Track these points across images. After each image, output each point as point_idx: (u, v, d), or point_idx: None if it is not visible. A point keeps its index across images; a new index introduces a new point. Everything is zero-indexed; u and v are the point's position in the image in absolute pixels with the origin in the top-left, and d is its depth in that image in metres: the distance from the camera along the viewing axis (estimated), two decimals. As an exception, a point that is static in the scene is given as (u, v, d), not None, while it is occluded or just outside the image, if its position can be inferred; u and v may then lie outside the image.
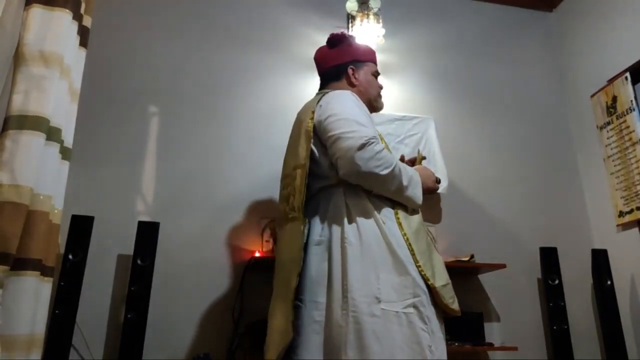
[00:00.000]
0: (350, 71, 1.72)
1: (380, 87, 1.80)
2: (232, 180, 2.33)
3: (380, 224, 1.40)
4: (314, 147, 1.52)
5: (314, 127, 1.52)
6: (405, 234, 1.41)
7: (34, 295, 1.57)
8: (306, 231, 1.46)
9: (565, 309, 2.27)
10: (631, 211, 2.46)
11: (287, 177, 1.61)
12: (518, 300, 2.47)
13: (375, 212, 1.42)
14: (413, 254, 1.39)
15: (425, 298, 1.36)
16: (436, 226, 2.48)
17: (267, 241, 2.21)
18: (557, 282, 2.31)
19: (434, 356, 1.31)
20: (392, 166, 1.41)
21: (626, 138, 2.53)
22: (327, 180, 1.51)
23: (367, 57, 1.79)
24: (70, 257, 1.82)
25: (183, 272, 2.14)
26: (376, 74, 1.79)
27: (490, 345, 2.23)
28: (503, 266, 2.30)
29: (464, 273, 2.42)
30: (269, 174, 2.32)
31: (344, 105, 1.51)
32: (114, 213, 2.13)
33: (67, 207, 1.85)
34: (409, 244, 1.40)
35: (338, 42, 1.78)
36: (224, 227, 2.24)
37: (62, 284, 1.79)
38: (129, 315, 1.84)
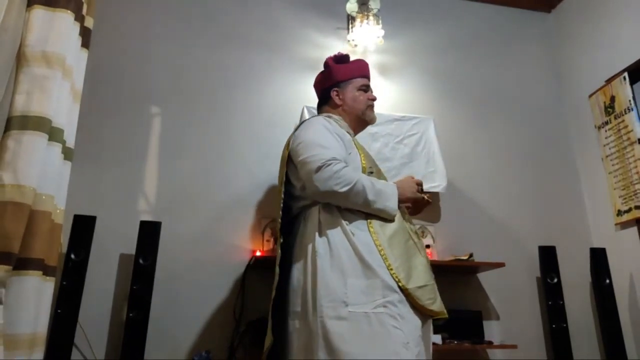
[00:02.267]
0: (333, 94, 1.83)
1: (372, 99, 1.85)
2: (233, 180, 2.35)
3: (349, 235, 1.49)
4: (290, 173, 1.66)
5: (289, 154, 1.65)
6: (377, 240, 1.48)
7: (36, 294, 1.58)
8: (282, 250, 1.61)
9: (564, 308, 2.29)
10: (629, 210, 2.48)
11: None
12: (517, 299, 2.48)
13: (345, 225, 1.51)
14: (385, 259, 1.45)
15: (396, 297, 1.40)
16: (435, 225, 2.50)
17: (267, 240, 2.23)
18: (556, 280, 2.32)
19: (411, 354, 1.34)
20: (352, 183, 1.49)
21: (624, 137, 2.54)
22: (304, 200, 1.63)
23: (353, 74, 1.85)
24: (72, 256, 1.83)
25: (185, 271, 2.15)
26: (364, 88, 1.85)
27: (490, 343, 2.24)
28: (502, 265, 2.31)
29: (463, 272, 2.44)
30: (270, 174, 2.33)
31: (309, 131, 1.64)
32: (116, 213, 2.14)
33: (69, 207, 1.87)
34: (381, 249, 1.47)
35: (324, 67, 1.89)
36: (225, 226, 2.26)
37: (64, 283, 1.80)
38: (131, 314, 1.85)
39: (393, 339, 1.35)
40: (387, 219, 1.54)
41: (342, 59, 1.87)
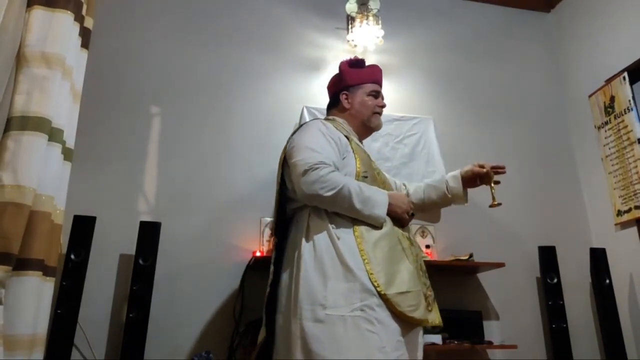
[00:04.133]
0: (343, 97, 1.83)
1: (381, 105, 1.86)
2: (232, 180, 2.35)
3: (334, 239, 1.50)
4: (285, 175, 1.68)
5: (285, 157, 1.67)
6: (360, 244, 1.49)
7: (36, 295, 1.58)
8: (276, 249, 1.65)
9: (564, 308, 2.29)
10: (629, 210, 2.48)
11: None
12: (517, 299, 2.48)
13: (332, 229, 1.52)
14: (367, 263, 1.45)
15: (375, 301, 1.41)
16: (435, 225, 2.49)
17: (267, 241, 2.23)
18: (555, 280, 2.32)
19: (388, 356, 1.35)
20: (338, 188, 1.50)
21: (624, 137, 2.54)
22: (296, 202, 1.64)
23: (363, 79, 1.85)
24: (72, 257, 1.84)
25: (184, 272, 2.15)
26: (374, 93, 1.84)
27: (490, 343, 2.24)
28: (502, 265, 2.31)
29: (463, 272, 2.44)
30: (269, 174, 2.32)
31: (303, 134, 1.66)
32: (115, 213, 2.14)
33: (69, 208, 1.87)
34: (363, 253, 1.47)
35: (339, 70, 1.89)
36: (225, 226, 2.26)
37: (64, 283, 1.81)
38: (130, 315, 1.85)
39: (367, 343, 1.36)
40: (375, 225, 1.54)
41: (357, 63, 1.88)
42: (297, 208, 1.64)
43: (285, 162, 1.67)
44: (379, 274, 1.44)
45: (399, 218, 1.61)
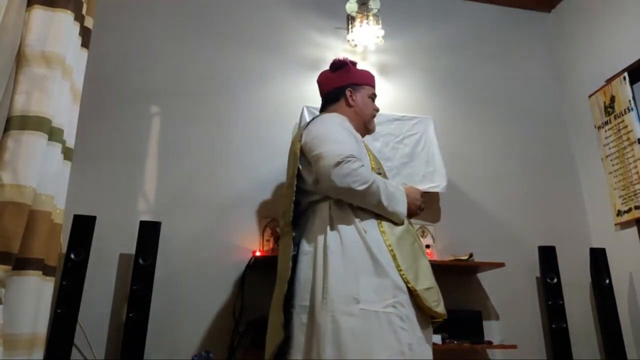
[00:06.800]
0: (348, 93, 1.84)
1: (376, 110, 1.89)
2: (233, 180, 2.35)
3: (362, 232, 1.49)
4: (301, 167, 1.64)
5: (301, 148, 1.64)
6: (387, 240, 1.49)
7: (36, 294, 1.58)
8: (293, 244, 1.58)
9: (564, 308, 2.29)
10: (629, 210, 2.48)
11: (284, 197, 1.74)
12: (517, 299, 2.48)
13: (357, 222, 1.51)
14: (395, 259, 1.46)
15: (405, 298, 1.42)
16: (435, 225, 2.50)
17: (267, 240, 2.23)
18: (555, 280, 2.32)
19: (414, 355, 1.36)
20: (369, 183, 1.50)
21: (624, 138, 2.54)
22: (314, 195, 1.62)
23: (365, 80, 1.88)
24: (72, 256, 1.84)
25: (184, 271, 2.15)
26: (373, 97, 1.89)
27: (490, 343, 2.24)
28: (502, 265, 2.31)
29: (462, 272, 2.44)
30: (269, 174, 2.33)
31: (326, 126, 1.64)
32: (115, 213, 2.14)
33: (69, 207, 1.87)
34: (391, 249, 1.48)
35: (339, 67, 1.88)
36: (225, 226, 2.26)
37: (64, 283, 1.80)
38: (130, 314, 1.85)
39: (399, 340, 1.37)
40: (395, 222, 1.55)
41: (352, 63, 1.90)
42: (314, 201, 1.62)
43: (302, 155, 1.63)
44: (408, 270, 1.45)
45: (413, 212, 1.64)
